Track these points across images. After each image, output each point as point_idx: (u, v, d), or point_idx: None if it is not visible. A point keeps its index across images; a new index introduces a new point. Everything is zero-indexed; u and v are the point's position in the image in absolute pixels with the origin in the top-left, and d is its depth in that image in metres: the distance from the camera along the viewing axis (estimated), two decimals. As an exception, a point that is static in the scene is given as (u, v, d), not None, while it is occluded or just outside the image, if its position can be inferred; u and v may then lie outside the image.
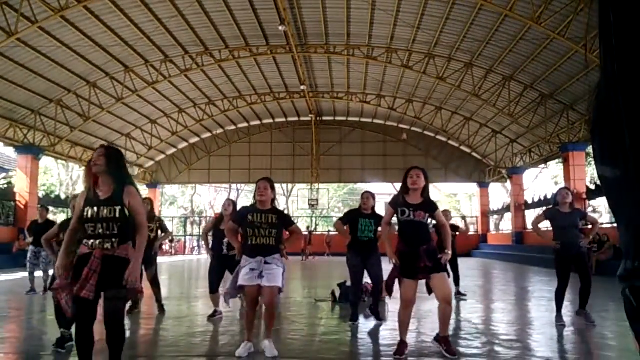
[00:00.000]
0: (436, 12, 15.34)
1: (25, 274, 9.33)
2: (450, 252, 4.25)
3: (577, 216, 5.67)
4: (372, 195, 5.92)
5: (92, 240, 2.99)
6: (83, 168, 24.65)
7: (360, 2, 15.31)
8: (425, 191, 4.18)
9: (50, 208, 20.04)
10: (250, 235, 4.15)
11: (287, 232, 4.43)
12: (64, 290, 3.02)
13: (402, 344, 4.17)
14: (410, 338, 4.64)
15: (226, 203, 6.37)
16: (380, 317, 5.81)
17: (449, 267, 7.71)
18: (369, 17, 16.18)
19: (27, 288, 8.95)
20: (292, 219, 4.77)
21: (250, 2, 15.36)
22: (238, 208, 5.03)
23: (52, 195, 25.97)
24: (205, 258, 26.01)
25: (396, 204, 4.21)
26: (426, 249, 4.06)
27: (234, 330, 5.46)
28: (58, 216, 25.10)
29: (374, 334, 5.25)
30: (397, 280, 4.19)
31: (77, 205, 3.14)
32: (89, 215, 3.00)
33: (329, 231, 29.37)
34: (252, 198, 4.43)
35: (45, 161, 29.78)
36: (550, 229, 5.78)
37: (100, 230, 2.98)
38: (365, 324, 5.75)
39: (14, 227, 18.38)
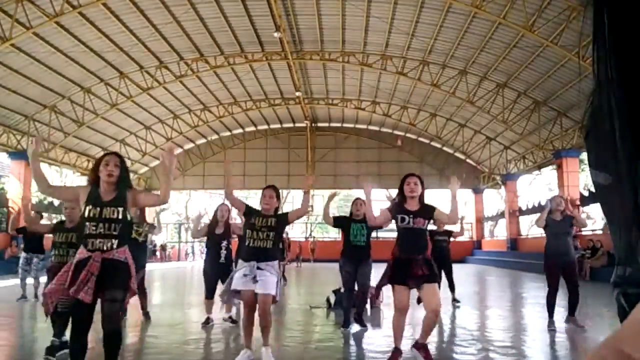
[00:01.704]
0: (430, 20, 15.45)
1: (17, 280, 9.25)
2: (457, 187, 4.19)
3: (568, 223, 5.70)
4: (364, 202, 5.93)
5: (92, 239, 3.01)
6: (78, 174, 24.55)
7: (355, 10, 15.40)
8: (422, 197, 4.17)
9: (45, 214, 19.85)
10: (249, 236, 4.21)
11: (293, 218, 4.50)
12: (52, 295, 3.02)
13: (397, 352, 4.12)
14: (404, 345, 4.63)
15: (224, 208, 6.34)
16: (364, 324, 5.78)
17: (443, 274, 7.74)
18: (364, 24, 16.26)
19: (18, 295, 8.86)
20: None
21: (246, 8, 15.41)
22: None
23: (45, 202, 25.79)
24: (199, 265, 25.90)
25: (395, 210, 4.17)
26: (422, 258, 4.02)
27: (228, 338, 5.43)
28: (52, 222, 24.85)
29: (368, 340, 5.24)
30: (390, 287, 4.15)
31: (75, 189, 3.31)
32: (91, 215, 3.04)
33: (313, 237, 29.35)
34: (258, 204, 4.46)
35: (39, 167, 29.53)
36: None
37: (102, 230, 3.02)
38: (360, 331, 5.73)
39: (7, 233, 18.24)
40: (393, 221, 4.21)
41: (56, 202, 25.33)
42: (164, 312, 6.86)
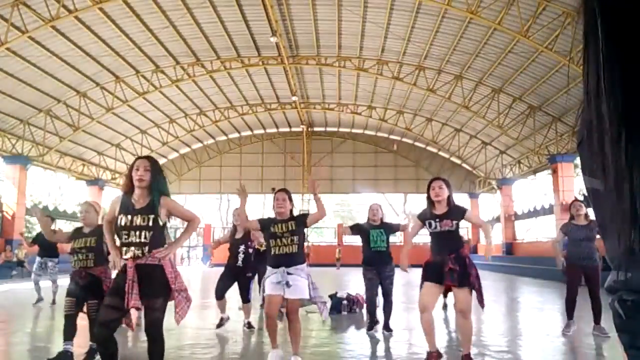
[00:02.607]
0: (426, 25, 15.53)
1: (13, 285, 9.20)
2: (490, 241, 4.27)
3: (594, 228, 5.41)
4: (380, 207, 5.92)
5: (125, 248, 3.04)
6: (73, 178, 24.43)
7: (352, 15, 15.46)
8: (450, 200, 4.16)
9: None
10: (273, 245, 4.19)
11: (311, 222, 4.33)
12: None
13: (430, 356, 4.02)
14: (402, 349, 4.62)
15: (236, 212, 6.30)
16: (391, 329, 5.71)
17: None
18: (360, 29, 16.33)
19: (12, 300, 8.80)
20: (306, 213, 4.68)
21: (242, 13, 15.44)
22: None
23: (40, 205, 25.65)
24: (194, 269, 25.79)
25: (423, 217, 4.18)
26: (455, 257, 3.94)
27: (224, 343, 5.40)
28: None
29: (364, 346, 5.22)
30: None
31: (112, 209, 3.20)
32: (123, 223, 3.05)
33: (308, 242, 29.33)
34: (271, 209, 4.42)
35: (33, 171, 29.43)
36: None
37: (133, 238, 3.02)
38: (357, 336, 5.72)
39: (1, 238, 18.12)
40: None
41: (51, 207, 25.24)
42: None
